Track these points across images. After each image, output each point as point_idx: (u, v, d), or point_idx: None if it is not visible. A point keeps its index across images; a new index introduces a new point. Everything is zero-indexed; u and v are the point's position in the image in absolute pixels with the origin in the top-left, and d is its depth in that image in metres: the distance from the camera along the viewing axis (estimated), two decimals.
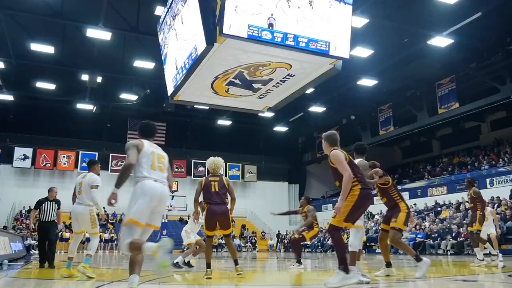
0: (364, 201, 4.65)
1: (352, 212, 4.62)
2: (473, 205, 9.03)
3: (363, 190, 4.64)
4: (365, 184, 4.75)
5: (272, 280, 6.44)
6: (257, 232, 31.48)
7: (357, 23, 14.42)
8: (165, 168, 4.21)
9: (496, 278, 6.42)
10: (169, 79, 8.36)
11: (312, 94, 22.42)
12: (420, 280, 5.57)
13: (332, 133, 5.39)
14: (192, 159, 31.96)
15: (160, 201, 4.08)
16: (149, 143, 4.34)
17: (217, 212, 6.30)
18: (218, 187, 6.46)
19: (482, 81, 20.57)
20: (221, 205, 6.39)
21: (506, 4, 14.88)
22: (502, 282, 5.96)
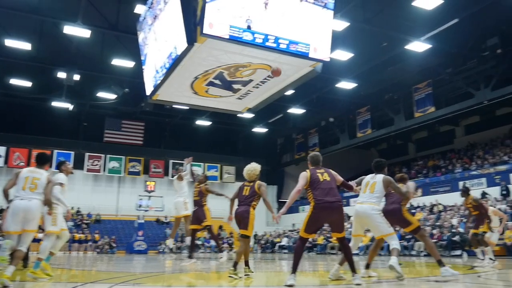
0: (319, 213, 5.17)
1: (309, 224, 5.23)
2: (478, 212, 9.25)
3: (318, 204, 5.15)
4: (322, 198, 5.16)
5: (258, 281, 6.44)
6: (234, 233, 31.42)
7: (338, 26, 14.54)
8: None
9: (466, 279, 6.57)
10: (148, 78, 8.28)
11: (291, 95, 22.52)
12: (394, 281, 5.65)
13: (314, 154, 5.72)
14: (170, 159, 31.67)
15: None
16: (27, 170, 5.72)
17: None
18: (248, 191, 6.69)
19: (458, 86, 21.03)
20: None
21: (481, 11, 15.23)
22: (471, 282, 6.10)
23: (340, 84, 21.58)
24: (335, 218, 5.27)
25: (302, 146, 32.29)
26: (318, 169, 5.47)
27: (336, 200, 5.22)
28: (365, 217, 5.67)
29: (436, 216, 19.61)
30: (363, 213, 5.69)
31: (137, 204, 25.53)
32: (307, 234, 5.29)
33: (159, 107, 22.06)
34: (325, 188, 5.24)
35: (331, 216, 5.24)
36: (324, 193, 5.20)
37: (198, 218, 8.61)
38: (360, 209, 5.75)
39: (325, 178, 5.34)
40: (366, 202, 5.70)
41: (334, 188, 5.31)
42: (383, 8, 15.66)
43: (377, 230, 5.63)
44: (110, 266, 11.76)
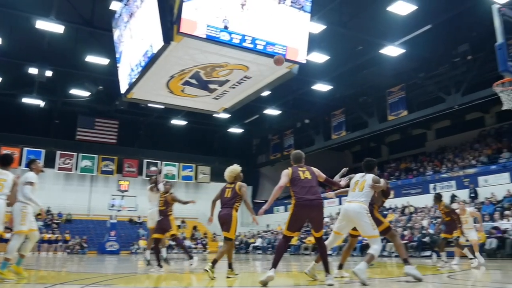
0: (300, 211, 5.27)
1: (291, 221, 5.32)
2: (450, 218, 9.43)
3: (299, 202, 5.25)
4: (302, 196, 5.25)
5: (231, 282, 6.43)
6: (208, 233, 31.29)
7: (314, 29, 14.67)
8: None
9: (436, 279, 6.73)
10: (123, 76, 8.17)
11: (268, 96, 22.60)
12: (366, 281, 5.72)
13: (296, 152, 5.81)
14: (144, 159, 31.31)
15: None
16: None
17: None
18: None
19: (429, 90, 21.51)
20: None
21: (453, 19, 15.63)
22: (442, 282, 6.25)
23: (316, 86, 21.78)
24: (315, 216, 5.33)
25: (277, 147, 32.44)
26: (300, 167, 5.55)
27: (316, 198, 5.29)
28: (353, 216, 5.61)
29: (407, 217, 20.00)
30: (351, 211, 5.63)
31: (109, 203, 25.13)
32: (290, 232, 5.38)
33: (134, 105, 21.80)
34: (305, 186, 5.32)
35: (311, 213, 5.30)
36: (304, 191, 5.29)
37: (162, 227, 8.41)
38: (348, 208, 5.71)
39: (306, 176, 5.42)
40: (354, 201, 5.68)
41: (314, 186, 5.39)
42: (359, 13, 15.90)
43: (363, 230, 5.57)
44: (80, 267, 11.54)
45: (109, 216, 24.34)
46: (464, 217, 9.91)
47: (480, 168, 20.75)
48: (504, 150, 21.12)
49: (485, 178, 19.72)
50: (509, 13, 6.44)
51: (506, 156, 20.33)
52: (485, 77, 17.11)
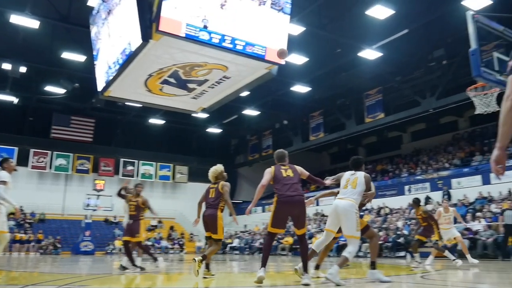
0: (281, 208, 5.33)
1: (274, 218, 5.38)
2: (427, 223, 9.54)
3: (280, 199, 5.33)
4: (284, 193, 5.33)
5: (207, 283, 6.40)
6: (185, 233, 31.10)
7: (294, 30, 14.76)
8: None
9: (410, 279, 6.85)
10: (100, 74, 8.05)
11: (246, 97, 22.61)
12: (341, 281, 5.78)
13: (279, 151, 5.90)
14: (121, 158, 30.91)
15: None
16: None
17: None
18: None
19: (406, 94, 21.89)
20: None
21: (429, 24, 15.96)
22: (415, 282, 6.36)
23: (295, 87, 21.92)
24: (296, 212, 5.38)
25: (255, 147, 32.49)
26: (283, 165, 5.65)
27: (297, 194, 5.35)
28: (342, 213, 5.53)
29: (382, 218, 20.31)
30: (341, 208, 5.55)
31: (84, 203, 24.69)
32: (274, 229, 5.42)
33: (111, 103, 21.45)
34: (287, 183, 5.40)
35: (292, 210, 5.36)
36: (286, 188, 5.36)
37: (131, 230, 8.27)
38: (338, 204, 5.63)
39: (288, 174, 5.50)
40: (346, 198, 5.62)
41: (296, 183, 5.45)
42: (338, 16, 16.07)
43: (347, 228, 5.49)
44: (54, 267, 11.32)
45: (84, 215, 23.93)
46: (448, 215, 10.07)
47: (453, 171, 21.24)
48: (476, 153, 21.68)
49: (458, 180, 20.20)
50: (482, 20, 6.61)
51: (478, 159, 20.86)
52: (459, 82, 17.52)
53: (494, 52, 6.81)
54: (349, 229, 5.46)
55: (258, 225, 29.26)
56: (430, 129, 27.42)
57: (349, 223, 5.45)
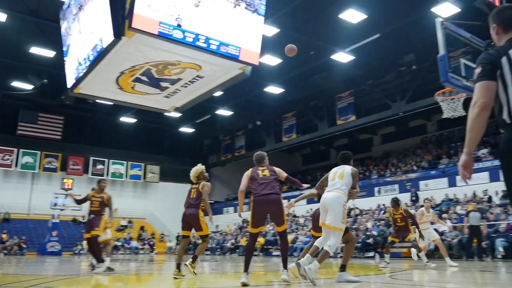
0: (257, 207, 5.40)
1: (253, 218, 5.43)
2: (404, 223, 9.55)
3: (255, 198, 5.41)
4: (259, 192, 5.40)
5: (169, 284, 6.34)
6: (156, 234, 30.74)
7: (268, 31, 14.83)
8: None
9: (378, 279, 6.98)
10: (70, 70, 7.86)
11: (220, 97, 22.55)
12: (298, 281, 5.83)
13: (256, 153, 5.97)
14: (91, 156, 30.31)
15: None
16: None
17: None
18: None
19: (377, 97, 22.31)
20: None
21: (400, 29, 16.31)
22: (383, 282, 6.49)
23: (268, 88, 22.01)
24: (273, 210, 5.42)
25: (228, 148, 32.44)
26: (261, 167, 5.71)
27: (272, 192, 5.38)
28: (329, 203, 5.43)
29: (352, 219, 20.61)
30: (328, 199, 5.47)
31: (52, 202, 24.07)
32: (254, 228, 5.46)
33: (81, 101, 20.95)
34: (262, 183, 5.46)
35: (268, 208, 5.42)
36: (261, 187, 5.43)
37: (92, 225, 8.10)
38: (326, 196, 5.54)
39: (264, 174, 5.57)
40: (334, 190, 5.54)
41: (272, 182, 5.48)
42: (312, 18, 16.23)
43: (331, 219, 5.34)
44: (18, 268, 10.99)
45: (51, 215, 23.36)
46: (428, 215, 10.23)
47: (421, 173, 21.77)
48: (443, 156, 22.29)
49: (426, 182, 20.74)
50: (451, 27, 6.80)
51: (445, 162, 21.45)
52: (428, 87, 17.96)
53: (461, 59, 7.02)
54: (333, 220, 5.32)
55: (229, 225, 29.22)
56: (399, 132, 28.03)
57: (335, 214, 5.34)
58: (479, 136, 2.38)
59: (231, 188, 35.09)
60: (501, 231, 13.63)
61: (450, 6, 13.74)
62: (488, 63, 2.38)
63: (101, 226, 8.17)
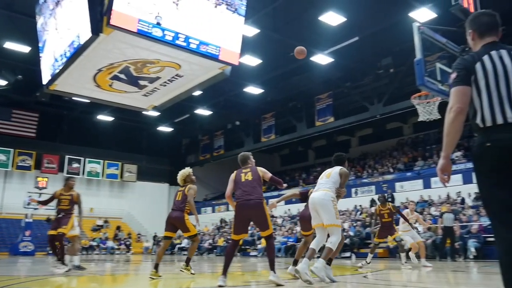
0: (239, 211, 5.33)
1: (235, 224, 5.41)
2: (391, 219, 9.66)
3: (237, 204, 5.36)
4: (240, 197, 5.35)
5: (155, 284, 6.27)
6: (132, 234, 30.38)
7: (248, 32, 14.84)
8: None
9: (354, 279, 7.07)
10: (46, 66, 7.70)
11: (199, 96, 22.45)
12: (285, 281, 5.87)
13: (240, 154, 5.89)
14: (66, 155, 29.73)
15: None
16: None
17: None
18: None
19: (355, 99, 22.57)
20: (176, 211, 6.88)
21: (379, 33, 16.54)
22: (357, 282, 6.57)
23: (248, 88, 22.02)
24: (254, 215, 5.33)
25: (207, 147, 32.31)
26: (244, 169, 5.62)
27: (253, 197, 5.29)
28: (318, 203, 5.44)
29: None
30: (316, 199, 5.47)
31: (25, 201, 23.49)
32: (236, 235, 5.37)
33: (57, 98, 20.44)
34: (245, 188, 5.38)
35: (250, 213, 5.31)
36: (243, 193, 5.35)
37: (59, 223, 7.91)
38: (314, 196, 5.55)
39: (247, 177, 5.47)
40: (320, 189, 5.55)
41: (255, 186, 5.38)
42: (292, 19, 16.31)
43: (326, 217, 5.37)
44: None
45: (24, 214, 22.81)
46: (412, 217, 10.34)
47: (397, 175, 22.13)
48: (419, 158, 22.71)
49: (401, 184, 21.09)
50: (427, 32, 6.94)
51: (420, 164, 21.86)
52: (405, 90, 18.26)
53: (437, 63, 7.18)
54: (328, 219, 5.35)
55: (207, 225, 29.11)
56: (376, 134, 28.44)
57: (327, 212, 5.35)
58: (456, 140, 2.44)
59: (210, 188, 34.95)
60: (473, 232, 13.96)
61: (427, 12, 14.03)
62: (463, 69, 2.44)
63: (69, 225, 7.97)
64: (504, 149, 2.26)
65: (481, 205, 14.92)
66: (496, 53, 2.42)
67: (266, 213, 5.36)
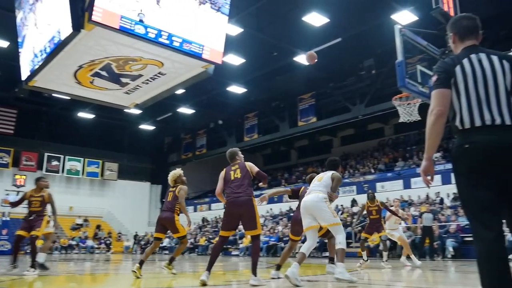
0: (228, 208, 5.38)
1: (223, 220, 5.48)
2: (379, 216, 9.71)
3: (227, 201, 5.40)
4: (230, 195, 5.37)
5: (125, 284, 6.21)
6: (113, 233, 30.02)
7: (232, 31, 14.81)
8: None
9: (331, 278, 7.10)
10: (25, 62, 7.56)
11: (182, 95, 22.30)
12: (269, 280, 5.88)
13: (228, 150, 5.88)
14: (46, 152, 29.20)
15: None
16: None
17: None
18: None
19: (337, 100, 22.72)
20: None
21: (361, 34, 16.69)
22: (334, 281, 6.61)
23: (231, 88, 21.98)
24: (243, 212, 5.27)
25: (189, 146, 32.15)
26: (233, 166, 5.59)
27: (242, 195, 5.28)
28: (311, 206, 5.38)
29: None
30: (309, 202, 5.40)
31: (2, 199, 23.04)
32: (224, 231, 5.41)
33: (36, 94, 20.05)
34: (234, 186, 5.39)
35: (239, 210, 5.27)
36: (232, 190, 5.36)
37: (31, 226, 7.64)
38: (306, 200, 5.48)
39: (236, 175, 5.46)
40: (312, 192, 5.52)
41: (243, 184, 5.37)
42: (276, 19, 16.33)
43: (323, 219, 5.32)
44: None
45: (1, 213, 22.35)
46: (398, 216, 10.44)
47: (378, 175, 22.37)
48: (399, 159, 23.01)
49: (382, 184, 21.33)
50: (408, 34, 7.04)
51: (401, 165, 22.15)
52: (386, 91, 18.45)
53: (418, 65, 7.28)
54: (326, 220, 5.32)
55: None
56: (358, 135, 28.69)
57: (323, 213, 5.30)
58: (437, 142, 2.48)
59: (191, 187, 34.73)
60: (451, 232, 14.21)
61: (409, 14, 14.23)
62: (443, 72, 2.48)
63: (42, 227, 7.71)
64: (482, 151, 2.31)
65: (459, 205, 15.20)
66: (476, 56, 2.46)
67: (256, 211, 5.33)
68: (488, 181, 2.29)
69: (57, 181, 29.84)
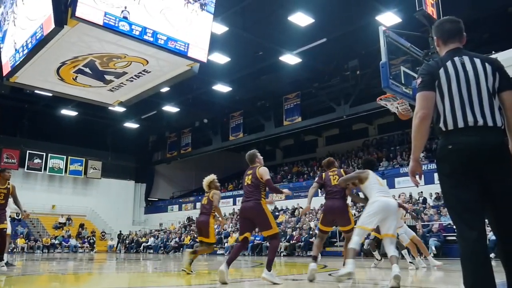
0: (240, 212, 5.69)
1: (239, 225, 5.85)
2: None
3: (241, 204, 5.68)
4: (242, 199, 5.66)
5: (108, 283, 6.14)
6: (96, 232, 29.71)
7: (217, 29, 14.77)
8: None
9: (320, 277, 7.15)
10: (6, 57, 7.40)
11: (167, 93, 22.15)
12: (255, 280, 5.89)
13: (247, 153, 6.13)
14: (28, 150, 28.75)
15: None
16: None
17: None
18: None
19: (322, 100, 22.86)
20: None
21: (346, 35, 16.79)
22: (324, 280, 6.66)
23: (216, 86, 21.92)
24: (252, 217, 5.43)
25: (174, 145, 32.00)
26: (249, 170, 5.82)
27: (249, 200, 5.45)
28: (394, 211, 5.30)
29: (297, 219, 21.00)
30: (393, 207, 5.30)
31: None
32: (240, 236, 5.55)
33: (18, 90, 19.84)
34: (245, 191, 5.64)
35: (248, 215, 5.46)
36: (244, 195, 5.64)
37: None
38: (390, 203, 5.29)
39: (247, 181, 5.66)
40: (389, 196, 5.45)
41: (252, 191, 5.52)
42: (261, 19, 16.35)
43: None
44: None
45: None
46: (399, 212, 10.39)
47: None
48: (383, 159, 23.22)
49: None
50: (392, 36, 7.10)
51: (385, 165, 22.37)
52: (370, 92, 18.63)
53: (401, 66, 7.36)
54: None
55: (174, 223, 28.83)
56: (343, 135, 28.92)
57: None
58: (423, 143, 2.52)
59: (176, 186, 34.64)
60: (434, 231, 14.40)
61: (393, 16, 14.37)
62: (427, 74, 2.51)
63: (7, 220, 7.73)
64: (465, 152, 2.34)
65: (441, 205, 15.42)
66: (459, 59, 2.50)
67: (266, 213, 5.40)
68: (471, 182, 2.32)
69: (40, 179, 29.43)
